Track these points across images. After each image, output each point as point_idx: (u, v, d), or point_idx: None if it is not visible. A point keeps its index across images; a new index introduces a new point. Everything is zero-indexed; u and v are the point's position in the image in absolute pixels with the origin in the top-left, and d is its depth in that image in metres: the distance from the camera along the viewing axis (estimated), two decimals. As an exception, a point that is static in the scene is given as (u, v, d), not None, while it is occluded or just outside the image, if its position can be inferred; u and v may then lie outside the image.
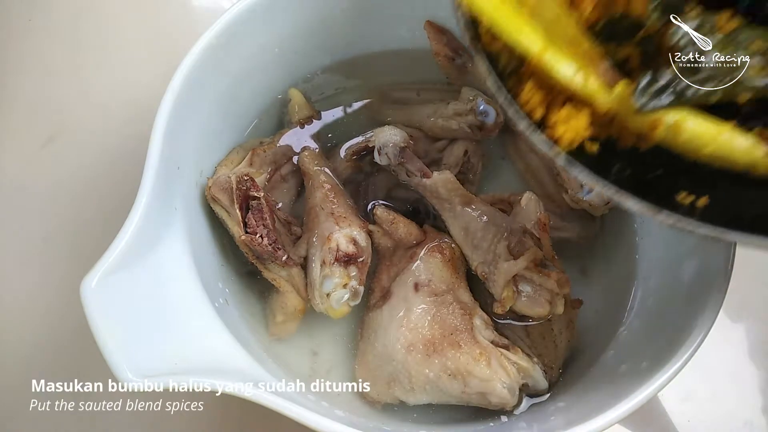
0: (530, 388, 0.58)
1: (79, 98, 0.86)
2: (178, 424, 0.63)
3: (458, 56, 0.73)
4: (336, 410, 0.53)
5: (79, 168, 0.80)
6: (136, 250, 0.48)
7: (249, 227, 0.60)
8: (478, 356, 0.54)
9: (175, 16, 0.96)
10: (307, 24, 0.69)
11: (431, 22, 0.72)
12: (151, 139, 0.52)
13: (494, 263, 0.59)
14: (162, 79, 0.56)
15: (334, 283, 0.59)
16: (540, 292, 0.57)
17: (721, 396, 0.68)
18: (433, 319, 0.57)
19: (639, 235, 0.65)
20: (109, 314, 0.44)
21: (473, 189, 0.69)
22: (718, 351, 0.69)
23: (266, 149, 0.67)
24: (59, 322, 0.70)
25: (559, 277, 0.58)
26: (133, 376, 0.42)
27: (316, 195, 0.65)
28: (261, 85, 0.70)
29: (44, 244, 0.75)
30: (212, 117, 0.63)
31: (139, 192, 0.50)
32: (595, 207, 0.64)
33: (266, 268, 0.61)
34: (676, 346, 0.48)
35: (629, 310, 0.61)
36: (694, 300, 0.51)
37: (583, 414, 0.46)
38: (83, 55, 0.90)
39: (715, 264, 0.51)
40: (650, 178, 0.41)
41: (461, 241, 0.63)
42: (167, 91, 0.55)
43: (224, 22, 0.60)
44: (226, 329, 0.52)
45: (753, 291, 0.73)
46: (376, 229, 0.64)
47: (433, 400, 0.57)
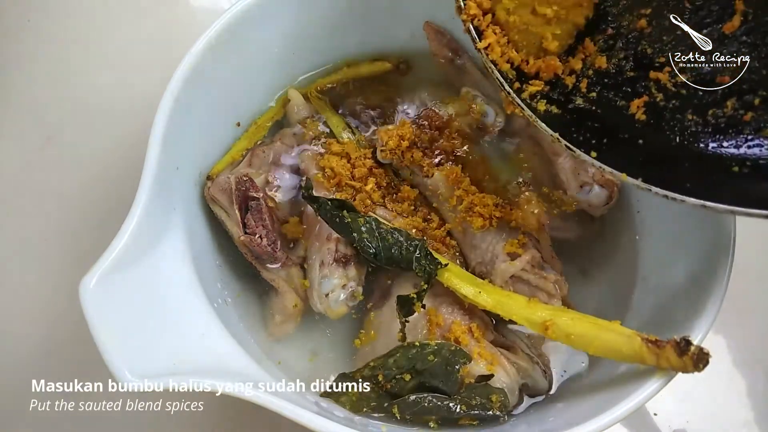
0: (530, 388, 0.57)
1: (78, 98, 0.86)
2: (178, 424, 0.63)
3: (457, 57, 0.73)
4: (335, 410, 0.53)
5: (78, 168, 0.80)
6: (134, 250, 0.48)
7: (248, 228, 0.60)
8: (477, 356, 0.54)
9: (175, 16, 0.96)
10: (307, 24, 0.69)
11: (430, 23, 0.72)
12: (150, 139, 0.53)
13: (492, 263, 0.59)
14: (161, 79, 0.56)
15: (332, 284, 0.59)
16: (537, 294, 0.57)
17: (719, 396, 0.68)
18: (433, 320, 0.57)
19: (639, 235, 0.65)
20: (108, 314, 0.44)
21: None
22: (717, 351, 0.69)
23: (266, 149, 0.67)
24: (59, 322, 0.70)
25: (557, 279, 0.58)
26: (132, 377, 0.42)
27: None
28: (260, 85, 0.70)
29: (44, 244, 0.75)
30: (211, 117, 0.63)
31: (138, 192, 0.50)
32: (595, 207, 0.64)
33: (265, 269, 0.61)
34: (676, 347, 0.47)
35: (629, 310, 0.61)
36: (693, 300, 0.51)
37: (583, 414, 0.46)
38: (82, 56, 0.90)
39: (715, 264, 0.51)
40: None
41: (461, 239, 0.63)
42: (166, 91, 0.55)
43: (224, 23, 0.60)
44: (225, 329, 0.52)
45: (752, 291, 0.73)
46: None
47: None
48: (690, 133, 0.45)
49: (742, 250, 0.52)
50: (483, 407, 0.51)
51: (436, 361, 0.52)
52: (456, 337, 0.55)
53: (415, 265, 0.56)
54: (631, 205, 0.66)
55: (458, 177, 0.64)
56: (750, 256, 0.72)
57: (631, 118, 0.46)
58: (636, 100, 0.46)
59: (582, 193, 0.64)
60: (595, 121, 0.47)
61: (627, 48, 0.48)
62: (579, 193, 0.64)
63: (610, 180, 0.63)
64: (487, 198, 0.63)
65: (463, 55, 0.73)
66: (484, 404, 0.51)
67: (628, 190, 0.66)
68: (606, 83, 0.48)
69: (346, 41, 0.74)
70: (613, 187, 0.63)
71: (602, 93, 0.48)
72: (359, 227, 0.58)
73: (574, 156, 0.46)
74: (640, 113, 0.46)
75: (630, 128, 0.46)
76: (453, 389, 0.52)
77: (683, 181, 0.43)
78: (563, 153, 0.67)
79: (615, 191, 0.63)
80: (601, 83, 0.48)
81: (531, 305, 0.53)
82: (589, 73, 0.49)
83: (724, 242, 0.52)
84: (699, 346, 0.45)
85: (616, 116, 0.47)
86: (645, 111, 0.46)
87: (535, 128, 0.69)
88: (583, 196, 0.64)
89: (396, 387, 0.52)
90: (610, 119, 0.47)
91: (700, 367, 0.44)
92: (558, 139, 0.47)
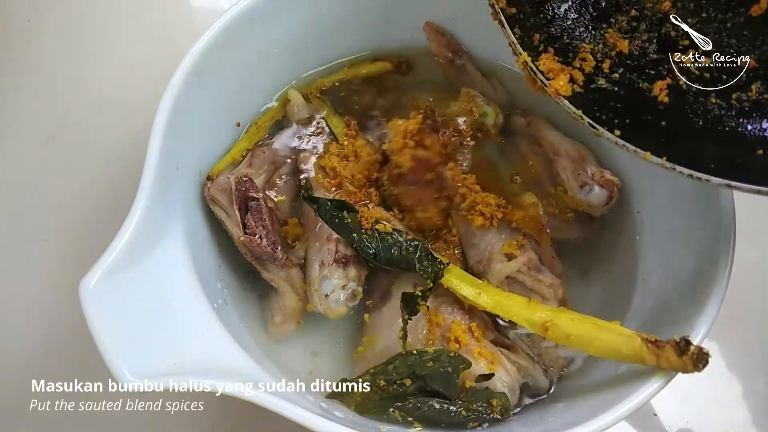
0: (531, 387, 0.57)
1: (78, 98, 0.86)
2: (178, 424, 0.63)
3: (457, 57, 0.73)
4: (335, 411, 0.53)
5: (78, 168, 0.80)
6: (135, 250, 0.48)
7: (248, 228, 0.59)
8: (478, 355, 0.54)
9: (175, 17, 0.96)
10: (307, 24, 0.69)
11: (430, 23, 0.72)
12: (151, 139, 0.53)
13: (488, 263, 0.60)
14: (161, 79, 0.56)
15: (332, 284, 0.59)
16: (531, 297, 0.57)
17: (719, 396, 0.68)
18: (433, 319, 0.57)
19: (639, 235, 0.65)
20: (108, 314, 0.44)
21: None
22: (717, 351, 0.69)
23: (265, 150, 0.67)
24: (59, 322, 0.70)
25: (552, 283, 0.58)
26: (132, 377, 0.42)
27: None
28: (260, 85, 0.70)
29: (43, 244, 0.75)
30: (211, 117, 0.63)
31: (138, 192, 0.50)
32: (595, 207, 0.64)
33: (265, 269, 0.61)
34: (676, 347, 0.47)
35: (629, 310, 0.61)
36: (693, 300, 0.51)
37: (582, 414, 0.46)
38: (82, 56, 0.90)
39: (715, 265, 0.51)
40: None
41: (462, 238, 0.63)
42: (166, 92, 0.55)
43: (224, 23, 0.60)
44: (225, 330, 0.52)
45: (752, 291, 0.73)
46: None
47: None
48: (714, 116, 0.45)
49: (742, 250, 0.52)
50: (484, 411, 0.51)
51: (436, 367, 0.52)
52: (456, 337, 0.55)
53: (418, 266, 0.56)
54: (631, 205, 0.66)
55: (459, 175, 0.64)
56: (750, 256, 0.72)
57: (654, 100, 0.46)
58: (659, 82, 0.46)
59: (582, 193, 0.64)
60: (617, 101, 0.47)
61: (650, 30, 0.48)
62: (579, 193, 0.64)
63: (610, 180, 0.63)
64: (489, 197, 0.63)
65: (463, 56, 0.73)
66: (484, 408, 0.51)
67: (628, 190, 0.66)
68: (629, 65, 0.48)
69: (346, 41, 0.74)
70: (613, 187, 0.63)
71: (625, 74, 0.48)
72: (359, 227, 0.58)
73: (597, 134, 0.46)
74: (663, 95, 0.46)
75: (653, 110, 0.46)
76: (453, 393, 0.52)
77: (707, 161, 0.43)
78: (563, 153, 0.67)
79: (615, 191, 0.63)
80: (624, 65, 0.48)
81: (531, 306, 0.53)
82: (612, 54, 0.48)
83: (724, 242, 0.52)
84: (699, 346, 0.45)
85: (639, 98, 0.47)
86: (668, 93, 0.46)
87: (535, 128, 0.70)
88: (584, 196, 0.64)
89: (398, 390, 0.52)
90: (633, 100, 0.47)
91: (699, 367, 0.44)
92: (581, 117, 0.47)
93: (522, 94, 0.74)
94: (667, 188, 0.60)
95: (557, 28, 0.49)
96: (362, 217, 0.59)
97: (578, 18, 0.49)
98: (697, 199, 0.56)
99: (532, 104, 0.73)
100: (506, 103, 0.73)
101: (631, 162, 0.65)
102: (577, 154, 0.66)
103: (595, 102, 0.47)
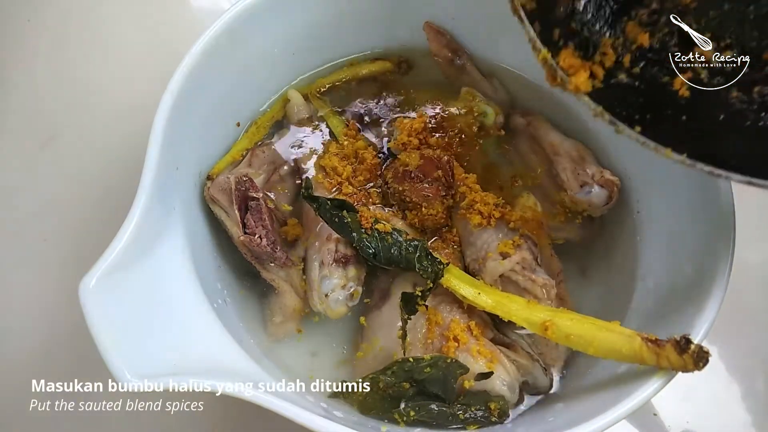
0: (531, 386, 0.57)
1: (78, 99, 0.86)
2: (178, 424, 0.63)
3: (457, 57, 0.73)
4: (335, 411, 0.53)
5: (78, 168, 0.80)
6: (134, 250, 0.48)
7: (248, 228, 0.60)
8: (477, 354, 0.54)
9: (175, 17, 0.96)
10: (306, 25, 0.69)
11: (430, 23, 0.72)
12: (150, 139, 0.52)
13: (483, 261, 0.60)
14: (161, 79, 0.56)
15: (332, 284, 0.59)
16: (524, 296, 0.57)
17: (720, 396, 0.68)
18: (432, 318, 0.57)
19: (639, 235, 0.65)
20: (108, 314, 0.44)
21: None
22: (717, 351, 0.69)
23: (265, 150, 0.67)
24: (59, 322, 0.70)
25: (545, 283, 0.58)
26: (132, 377, 0.42)
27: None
28: (260, 85, 0.70)
29: (43, 244, 0.75)
30: (211, 118, 0.63)
31: (138, 192, 0.50)
32: (595, 207, 0.64)
33: (265, 269, 0.61)
34: (676, 346, 0.47)
35: (629, 310, 0.61)
36: (693, 300, 0.51)
37: (582, 414, 0.46)
38: (82, 56, 0.90)
39: (715, 264, 0.51)
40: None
41: (461, 236, 0.64)
42: (166, 92, 0.55)
43: (224, 23, 0.60)
44: (225, 330, 0.52)
45: (752, 291, 0.73)
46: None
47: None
48: (735, 110, 0.44)
49: (742, 250, 0.52)
50: (482, 415, 0.52)
51: (433, 372, 0.52)
52: (455, 335, 0.55)
53: (417, 265, 0.56)
54: (631, 205, 0.66)
55: (461, 174, 0.65)
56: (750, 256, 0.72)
57: (674, 94, 0.46)
58: (680, 76, 0.46)
59: (582, 193, 0.64)
60: (638, 96, 0.47)
61: (671, 24, 0.48)
62: (579, 193, 0.64)
63: (610, 180, 0.63)
64: (488, 197, 0.63)
65: (463, 55, 0.73)
66: (483, 411, 0.52)
67: (628, 190, 0.66)
68: (649, 58, 0.47)
69: (346, 41, 0.74)
70: (613, 187, 0.63)
71: (646, 69, 0.47)
72: (359, 227, 0.58)
73: (617, 131, 0.45)
74: (683, 90, 0.45)
75: (674, 105, 0.46)
76: (452, 397, 0.52)
77: (728, 158, 0.42)
78: (563, 153, 0.67)
79: (615, 191, 0.63)
80: (644, 59, 0.47)
81: (530, 306, 0.53)
82: (632, 48, 0.48)
83: (724, 242, 0.52)
84: (699, 345, 0.45)
85: (660, 92, 0.46)
86: (689, 87, 0.45)
87: (535, 128, 0.70)
88: (583, 196, 0.64)
89: (397, 392, 0.52)
90: (654, 95, 0.46)
91: (700, 365, 0.44)
92: (601, 113, 0.46)
93: (522, 93, 0.74)
94: (667, 188, 0.60)
95: (577, 22, 0.48)
96: (362, 216, 0.59)
97: (598, 12, 0.49)
98: (697, 199, 0.56)
99: (532, 104, 0.73)
100: (506, 103, 0.73)
101: (631, 162, 0.65)
102: (577, 154, 0.66)
103: (615, 98, 0.46)
